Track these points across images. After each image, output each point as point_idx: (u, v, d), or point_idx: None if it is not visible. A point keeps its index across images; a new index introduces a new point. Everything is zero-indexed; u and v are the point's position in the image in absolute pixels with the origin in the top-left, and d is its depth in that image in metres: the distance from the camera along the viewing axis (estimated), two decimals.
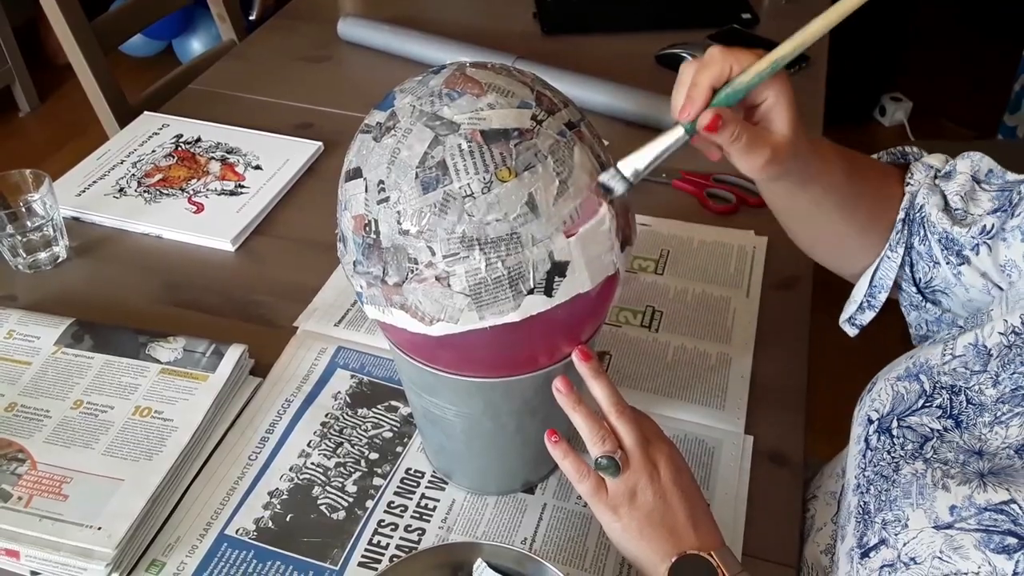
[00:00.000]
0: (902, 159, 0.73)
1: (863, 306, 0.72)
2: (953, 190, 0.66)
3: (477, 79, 0.58)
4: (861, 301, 0.72)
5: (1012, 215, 0.61)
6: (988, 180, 0.66)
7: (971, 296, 0.66)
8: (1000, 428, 0.55)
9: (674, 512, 0.60)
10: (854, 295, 0.73)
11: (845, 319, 0.74)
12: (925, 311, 0.71)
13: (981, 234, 0.63)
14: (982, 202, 0.65)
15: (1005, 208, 0.62)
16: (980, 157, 0.67)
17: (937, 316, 0.70)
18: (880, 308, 0.72)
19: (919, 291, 0.70)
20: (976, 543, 0.50)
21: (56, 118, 2.79)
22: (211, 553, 0.70)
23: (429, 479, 0.76)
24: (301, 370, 0.86)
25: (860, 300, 0.72)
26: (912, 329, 0.73)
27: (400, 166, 0.55)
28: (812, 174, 0.64)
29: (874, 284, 0.71)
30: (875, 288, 0.71)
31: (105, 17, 1.40)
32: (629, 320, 0.91)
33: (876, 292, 0.71)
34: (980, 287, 0.65)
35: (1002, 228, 0.62)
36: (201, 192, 1.08)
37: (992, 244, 0.63)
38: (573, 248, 0.56)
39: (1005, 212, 0.62)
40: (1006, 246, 0.61)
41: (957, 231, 0.65)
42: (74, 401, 0.79)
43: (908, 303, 0.72)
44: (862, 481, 0.61)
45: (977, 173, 0.67)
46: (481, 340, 0.58)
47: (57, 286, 0.96)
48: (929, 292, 0.70)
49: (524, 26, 1.48)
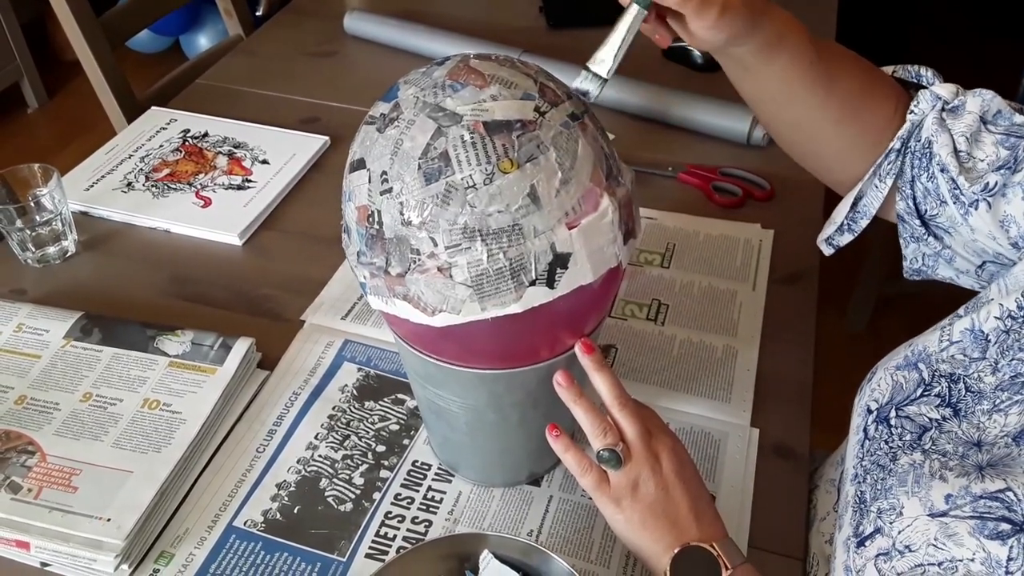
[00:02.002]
0: (914, 79, 0.70)
1: (843, 228, 0.71)
2: (960, 130, 0.64)
3: (480, 71, 0.58)
4: (841, 223, 0.70)
5: (1015, 171, 0.60)
6: (995, 121, 0.64)
7: (975, 238, 0.64)
8: (999, 416, 0.54)
9: (676, 504, 0.60)
10: (834, 216, 0.71)
11: (823, 238, 0.73)
12: (926, 244, 0.69)
13: (984, 191, 0.61)
14: (986, 145, 0.63)
15: (1009, 165, 0.61)
16: (992, 96, 0.64)
17: (936, 251, 0.69)
18: (860, 232, 0.71)
19: (923, 223, 0.68)
20: (970, 530, 0.50)
21: (64, 114, 2.81)
22: (219, 544, 0.71)
23: (436, 471, 0.77)
24: (308, 363, 0.86)
25: (840, 222, 0.70)
26: (906, 262, 0.71)
27: (403, 157, 0.56)
28: (772, 39, 0.62)
29: (857, 210, 0.69)
30: (858, 214, 0.70)
31: (112, 13, 1.41)
32: (635, 313, 0.91)
33: (858, 218, 0.70)
34: (986, 233, 0.63)
35: (1004, 185, 0.60)
36: (209, 186, 1.08)
37: (993, 201, 0.61)
38: (575, 240, 0.56)
39: (1008, 168, 0.61)
40: (1006, 201, 0.60)
41: (962, 181, 0.62)
42: (83, 394, 0.80)
43: (909, 235, 0.70)
44: (859, 471, 0.61)
45: (986, 113, 0.64)
46: (483, 331, 0.58)
47: (66, 280, 0.97)
48: (934, 226, 0.68)
49: (530, 20, 1.48)
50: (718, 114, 1.15)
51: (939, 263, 0.69)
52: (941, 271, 0.70)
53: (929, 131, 0.65)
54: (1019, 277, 0.58)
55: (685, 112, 1.17)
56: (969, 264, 0.67)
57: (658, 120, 1.19)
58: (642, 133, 1.19)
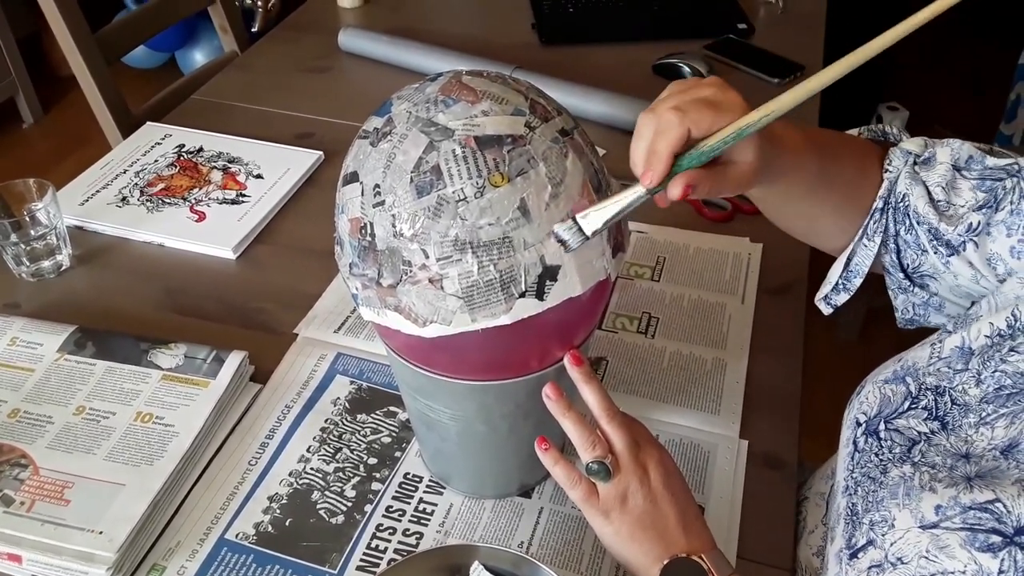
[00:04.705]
0: (882, 138, 0.72)
1: (838, 287, 0.72)
2: (934, 181, 0.66)
3: (472, 87, 0.59)
4: (836, 282, 0.72)
5: (996, 210, 0.61)
6: (968, 167, 0.65)
7: (959, 283, 0.66)
8: (986, 429, 0.55)
9: (664, 515, 0.60)
10: (830, 276, 0.72)
11: (820, 297, 0.74)
12: (912, 295, 0.70)
13: (968, 232, 0.63)
14: (963, 191, 0.64)
15: (990, 204, 0.62)
16: (960, 144, 0.66)
17: (924, 300, 0.70)
18: (855, 291, 0.72)
19: (907, 276, 0.70)
20: (962, 542, 0.51)
21: (60, 129, 2.81)
22: (211, 557, 0.71)
23: (427, 484, 0.77)
24: (301, 376, 0.86)
25: (835, 282, 0.72)
26: (898, 313, 0.73)
27: (395, 170, 0.56)
28: (782, 172, 0.63)
29: (850, 269, 0.71)
30: (851, 273, 0.71)
31: (108, 29, 1.42)
32: (626, 326, 0.92)
33: (852, 277, 0.71)
34: (969, 276, 0.64)
35: (987, 223, 0.62)
36: (203, 201, 1.09)
37: (979, 240, 0.63)
38: (564, 253, 0.57)
39: (990, 208, 0.62)
40: (991, 240, 0.62)
41: (944, 227, 0.64)
42: (76, 407, 0.80)
43: (896, 287, 0.71)
44: (850, 483, 0.62)
45: (957, 161, 0.66)
46: (474, 342, 0.59)
47: (60, 294, 0.97)
48: (917, 277, 0.69)
49: (523, 36, 1.50)
50: None
51: (929, 311, 0.71)
52: (933, 318, 0.71)
53: (904, 186, 0.67)
54: (1008, 295, 0.59)
55: None
56: (959, 308, 0.69)
57: None
58: None
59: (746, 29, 1.48)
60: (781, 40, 1.45)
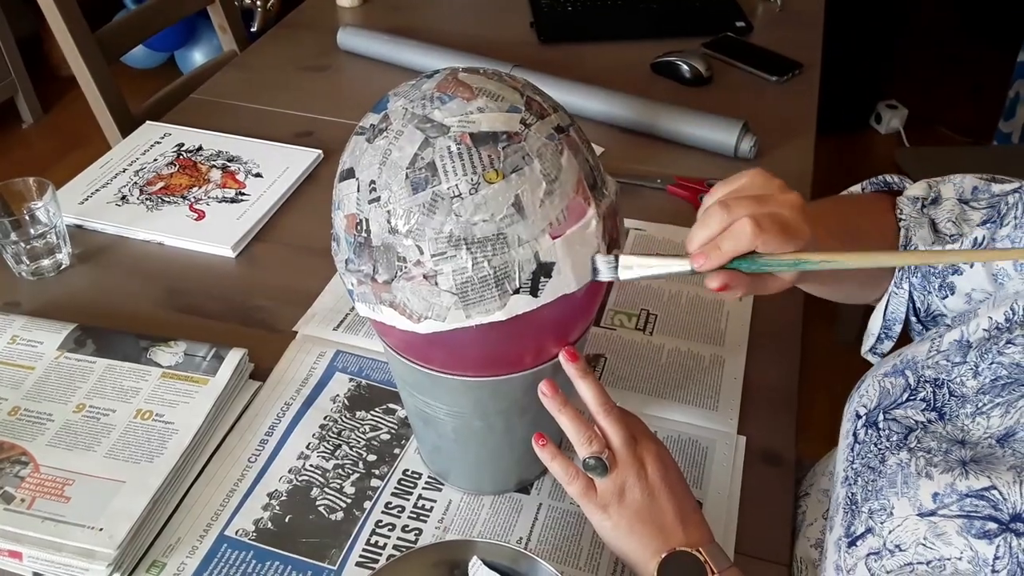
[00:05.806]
0: (885, 188, 0.75)
1: (881, 337, 0.75)
2: (943, 217, 0.68)
3: (468, 84, 0.59)
4: (879, 333, 0.75)
5: (1001, 225, 0.63)
6: (976, 198, 0.68)
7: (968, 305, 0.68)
8: (982, 419, 0.55)
9: (662, 509, 0.61)
10: (871, 328, 0.75)
11: (867, 350, 0.76)
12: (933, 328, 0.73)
13: (973, 246, 0.65)
14: (974, 220, 0.67)
15: (994, 220, 0.64)
16: (961, 178, 0.69)
17: None
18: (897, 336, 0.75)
19: (919, 320, 0.73)
20: (958, 529, 0.51)
21: (59, 129, 2.82)
22: (211, 554, 0.71)
23: (426, 480, 0.77)
24: (300, 374, 0.87)
25: (877, 332, 0.75)
26: None
27: (391, 167, 0.57)
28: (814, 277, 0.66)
29: (887, 317, 0.73)
30: (889, 321, 0.74)
31: (108, 28, 1.42)
32: (624, 323, 0.92)
33: (891, 324, 0.74)
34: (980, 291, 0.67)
35: (992, 239, 0.63)
36: (202, 200, 1.09)
37: None
38: (559, 249, 0.57)
39: (994, 223, 0.64)
40: None
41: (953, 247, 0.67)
42: (76, 405, 0.80)
43: (916, 332, 0.74)
44: (850, 473, 0.62)
45: (962, 194, 0.68)
46: (468, 339, 0.59)
47: (60, 292, 0.98)
48: (929, 320, 0.72)
49: (521, 35, 1.50)
50: (706, 127, 1.17)
51: None
52: None
53: (913, 232, 0.70)
54: (1007, 291, 0.60)
55: (673, 125, 1.19)
56: None
57: (647, 133, 1.21)
58: (631, 146, 1.20)
59: (744, 27, 1.49)
60: (779, 38, 1.45)
